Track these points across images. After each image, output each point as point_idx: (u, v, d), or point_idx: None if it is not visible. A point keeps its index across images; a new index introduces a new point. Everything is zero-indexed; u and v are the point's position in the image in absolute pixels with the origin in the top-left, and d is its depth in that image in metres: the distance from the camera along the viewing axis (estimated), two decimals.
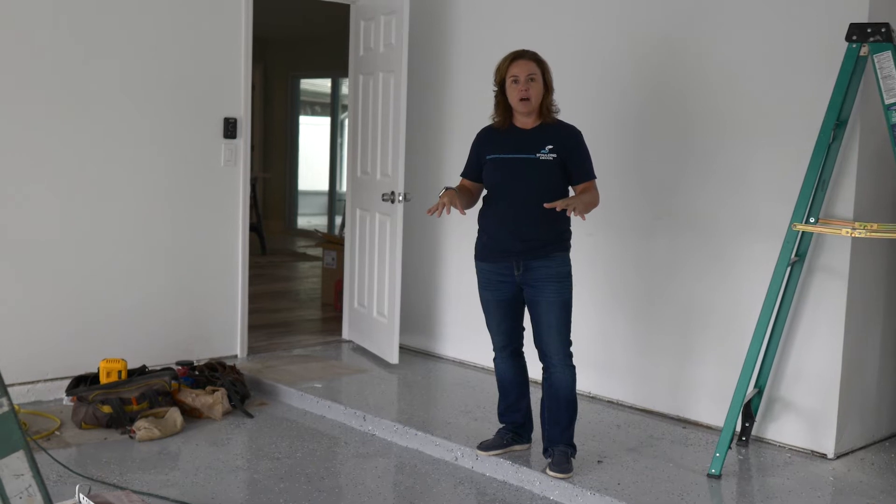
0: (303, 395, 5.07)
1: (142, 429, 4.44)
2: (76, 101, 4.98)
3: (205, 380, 5.03)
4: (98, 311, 5.14)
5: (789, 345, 4.37)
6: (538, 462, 4.09)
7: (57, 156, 4.94)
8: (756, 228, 4.44)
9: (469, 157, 4.18)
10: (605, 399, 5.06)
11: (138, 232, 5.27)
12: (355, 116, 6.15)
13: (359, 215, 6.11)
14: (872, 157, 4.24)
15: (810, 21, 4.24)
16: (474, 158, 4.14)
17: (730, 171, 4.53)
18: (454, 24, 5.80)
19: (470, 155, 4.17)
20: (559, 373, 3.99)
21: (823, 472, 4.12)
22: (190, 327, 5.50)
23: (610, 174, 4.63)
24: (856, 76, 3.92)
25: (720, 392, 4.44)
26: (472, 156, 4.16)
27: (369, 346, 5.94)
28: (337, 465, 4.36)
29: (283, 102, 12.29)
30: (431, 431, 4.49)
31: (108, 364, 4.78)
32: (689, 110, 4.69)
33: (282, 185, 12.38)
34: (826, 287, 4.26)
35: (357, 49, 6.11)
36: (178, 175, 5.41)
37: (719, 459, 3.99)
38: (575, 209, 3.75)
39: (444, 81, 5.87)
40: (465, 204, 4.05)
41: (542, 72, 3.94)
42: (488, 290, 4.10)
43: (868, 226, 3.81)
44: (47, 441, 4.35)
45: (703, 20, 4.62)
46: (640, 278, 4.93)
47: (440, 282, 5.97)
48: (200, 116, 5.47)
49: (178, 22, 5.32)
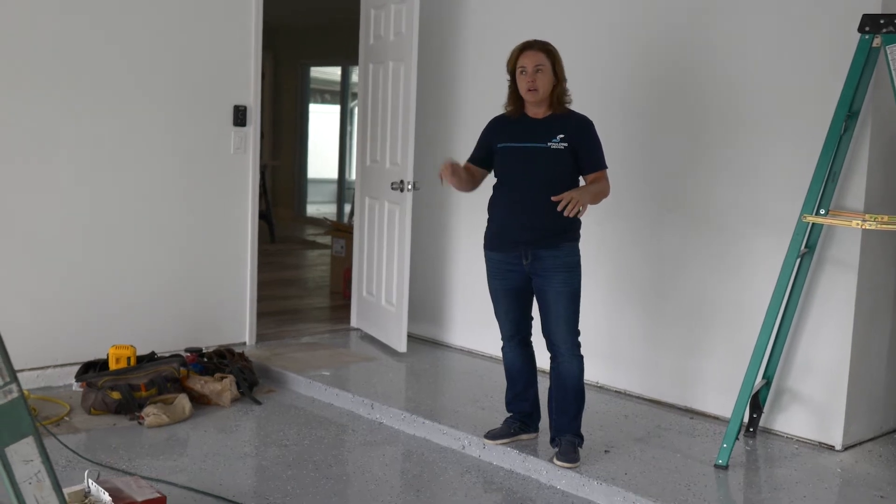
0: (311, 383, 5.08)
1: (150, 415, 4.46)
2: (85, 88, 4.99)
3: (213, 367, 5.05)
4: (108, 297, 5.16)
5: (798, 336, 4.36)
6: (545, 451, 4.10)
7: (66, 143, 4.96)
8: (766, 220, 4.42)
9: (478, 142, 4.17)
10: (613, 389, 5.06)
11: (148, 219, 5.29)
12: (365, 105, 6.14)
13: (368, 204, 6.11)
14: (884, 149, 4.22)
15: (823, 12, 4.21)
16: (483, 143, 4.13)
17: (739, 163, 4.52)
18: (464, 12, 5.78)
19: (479, 140, 4.17)
20: (567, 362, 4.00)
21: (831, 463, 4.12)
22: (199, 314, 5.52)
23: (619, 165, 4.61)
24: (868, 67, 3.89)
25: (728, 383, 4.43)
26: (480, 141, 4.16)
27: (377, 335, 5.95)
28: (344, 452, 4.37)
29: (292, 90, 12.28)
30: (439, 420, 4.49)
31: (117, 350, 4.81)
32: (699, 102, 4.68)
33: (291, 172, 12.39)
34: (835, 279, 4.25)
35: (367, 37, 6.10)
36: (188, 163, 5.42)
37: (727, 450, 3.99)
38: (576, 205, 3.71)
39: (453, 70, 5.86)
40: (465, 183, 4.06)
41: (551, 62, 3.92)
42: (497, 279, 4.10)
43: (878, 218, 3.79)
44: (57, 427, 4.37)
45: (713, 11, 4.59)
46: (648, 269, 4.92)
47: (448, 270, 5.97)
48: (210, 104, 5.47)
49: (188, 9, 5.32)
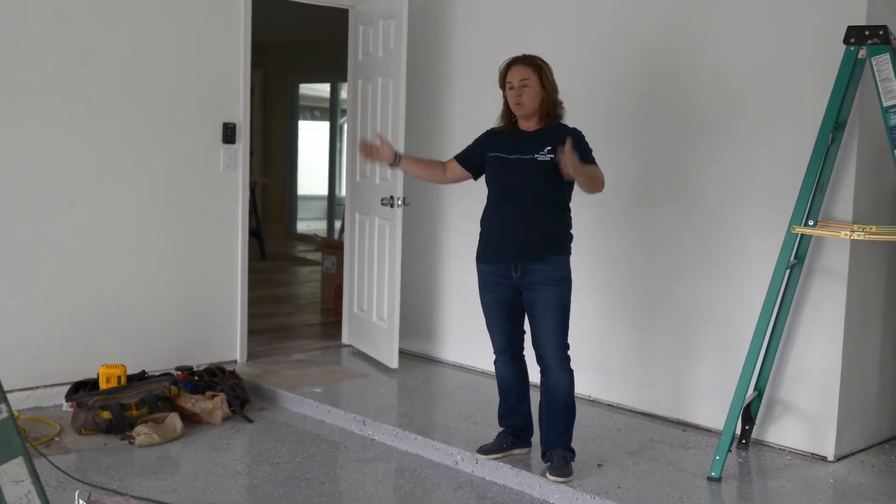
0: (302, 400, 5.07)
1: (141, 434, 4.43)
2: (75, 105, 4.98)
3: (204, 385, 5.02)
4: (97, 316, 5.14)
5: (789, 347, 4.37)
6: (538, 466, 4.09)
7: (55, 161, 4.94)
8: (755, 231, 4.43)
9: (469, 145, 4.18)
10: (605, 402, 5.05)
11: (138, 237, 5.28)
12: (354, 121, 6.15)
13: (358, 220, 6.11)
14: (871, 160, 4.24)
15: (808, 24, 4.24)
16: (473, 147, 4.15)
17: (728, 174, 4.53)
18: (453, 28, 5.80)
19: (470, 144, 4.18)
20: (556, 376, 3.99)
21: (824, 474, 4.12)
22: (189, 332, 5.50)
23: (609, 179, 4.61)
24: (854, 79, 3.92)
25: (720, 395, 4.43)
26: (472, 144, 4.17)
27: (369, 351, 5.94)
28: (337, 469, 4.36)
29: (282, 107, 12.30)
30: (431, 436, 4.48)
31: (107, 370, 4.78)
32: (687, 114, 4.69)
33: (281, 189, 12.38)
34: (825, 289, 4.26)
35: (356, 54, 6.12)
36: (178, 180, 5.41)
37: (719, 462, 3.99)
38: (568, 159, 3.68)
39: (442, 85, 5.88)
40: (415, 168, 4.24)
41: (538, 76, 3.93)
42: (488, 292, 4.10)
43: (867, 228, 3.81)
44: (47, 447, 4.34)
45: (699, 23, 4.62)
46: (638, 282, 4.93)
47: (440, 286, 5.97)
48: (200, 121, 5.47)
49: (176, 28, 5.32)
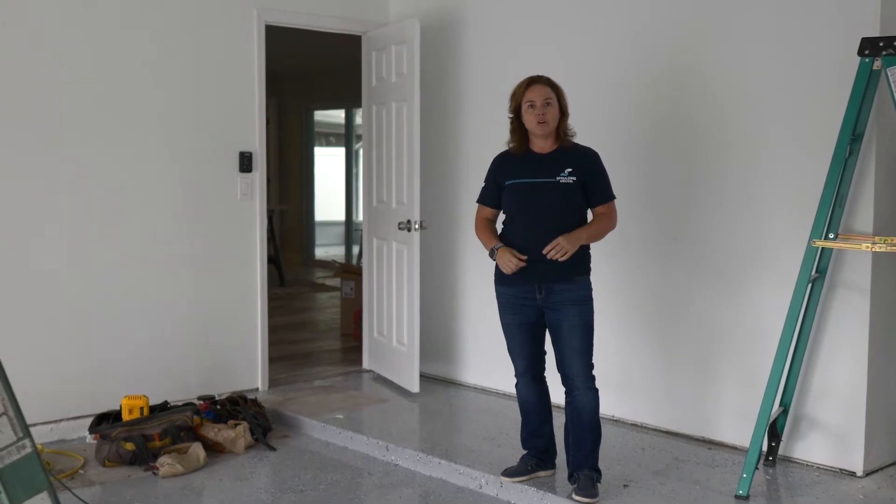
0: (325, 427, 5.06)
1: (165, 465, 4.43)
2: (93, 138, 5.02)
3: (227, 414, 5.03)
4: (119, 347, 5.16)
5: (813, 361, 4.33)
6: (563, 488, 4.06)
7: (74, 193, 4.98)
8: (775, 246, 4.41)
9: (486, 183, 4.17)
10: (629, 422, 5.02)
11: (157, 268, 5.30)
12: (369, 146, 6.17)
13: (376, 244, 6.12)
14: (890, 171, 4.21)
15: (822, 37, 4.23)
16: (492, 184, 4.14)
17: (746, 190, 4.51)
18: (465, 51, 5.82)
19: (486, 181, 4.17)
20: (582, 396, 3.97)
21: (853, 490, 4.07)
22: (211, 361, 5.51)
23: (625, 197, 4.62)
24: (870, 90, 3.90)
25: (744, 411, 4.40)
26: (489, 182, 4.16)
27: (390, 376, 5.93)
28: (361, 496, 4.34)
29: (297, 134, 12.37)
30: (455, 459, 4.46)
31: (130, 401, 4.79)
32: (702, 130, 4.68)
33: (298, 216, 12.44)
34: (848, 302, 4.23)
35: (370, 79, 6.15)
36: (196, 210, 5.44)
37: (746, 480, 3.95)
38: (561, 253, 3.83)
39: (456, 108, 5.89)
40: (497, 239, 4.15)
41: (556, 96, 3.96)
42: (509, 314, 4.08)
43: (888, 240, 3.78)
44: (71, 480, 4.35)
45: (713, 39, 4.62)
46: (659, 299, 4.90)
47: (459, 308, 5.95)
48: (216, 151, 5.50)
49: (192, 59, 5.37)
